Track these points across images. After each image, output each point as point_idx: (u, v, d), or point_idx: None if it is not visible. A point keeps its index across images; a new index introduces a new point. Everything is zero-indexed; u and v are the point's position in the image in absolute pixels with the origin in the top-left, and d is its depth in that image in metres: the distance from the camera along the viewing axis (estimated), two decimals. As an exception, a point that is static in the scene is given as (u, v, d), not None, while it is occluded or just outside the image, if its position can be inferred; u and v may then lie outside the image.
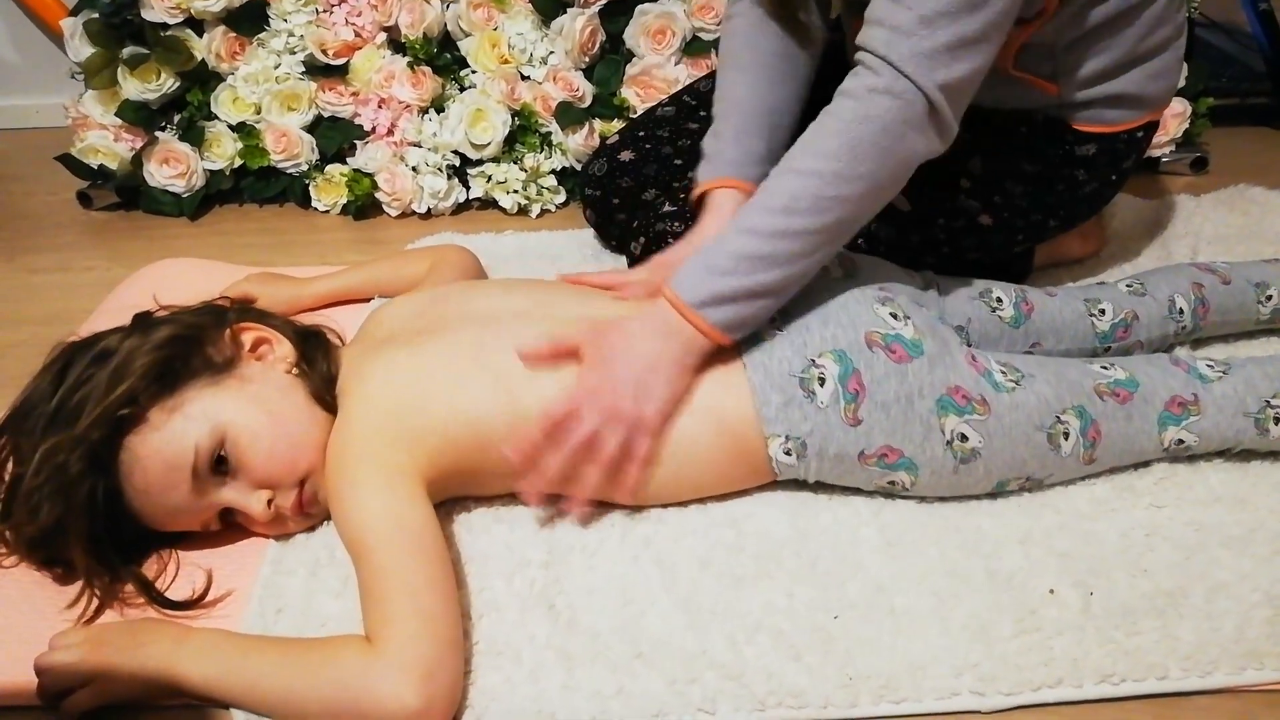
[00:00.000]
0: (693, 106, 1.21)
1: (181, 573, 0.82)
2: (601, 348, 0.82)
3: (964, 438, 0.82)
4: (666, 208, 1.05)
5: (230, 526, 0.84)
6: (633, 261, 1.06)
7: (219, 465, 0.79)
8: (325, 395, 0.85)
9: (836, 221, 0.80)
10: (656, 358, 0.81)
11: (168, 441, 0.77)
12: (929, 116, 0.78)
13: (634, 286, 0.93)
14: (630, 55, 1.47)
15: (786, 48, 0.98)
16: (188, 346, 0.82)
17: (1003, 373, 0.85)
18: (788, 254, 0.80)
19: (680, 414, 0.82)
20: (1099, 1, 0.89)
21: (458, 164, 1.49)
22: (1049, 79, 0.94)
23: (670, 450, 0.83)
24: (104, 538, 0.77)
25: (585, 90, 1.46)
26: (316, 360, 0.88)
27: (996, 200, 1.02)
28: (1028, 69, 0.93)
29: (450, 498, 0.86)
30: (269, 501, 0.81)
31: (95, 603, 0.78)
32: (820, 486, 0.88)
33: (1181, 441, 0.87)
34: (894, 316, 0.85)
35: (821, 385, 0.81)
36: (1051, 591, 0.77)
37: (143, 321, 0.85)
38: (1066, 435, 0.84)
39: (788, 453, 0.83)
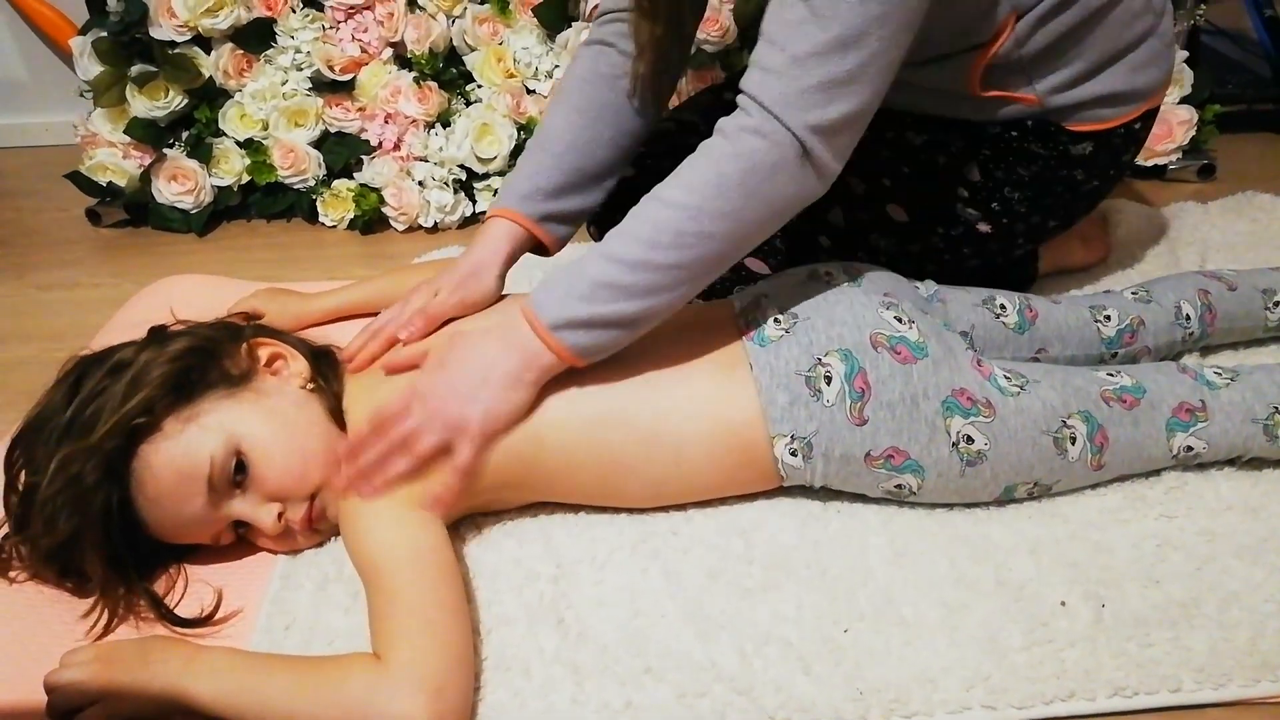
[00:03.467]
0: (693, 123, 1.21)
1: (190, 589, 0.82)
2: (444, 353, 0.82)
3: (970, 439, 0.82)
4: None
5: (239, 542, 0.84)
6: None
7: (237, 475, 0.79)
8: (337, 412, 0.86)
9: (699, 258, 0.78)
10: (493, 368, 0.80)
11: (183, 451, 0.78)
12: (800, 159, 0.76)
13: (435, 319, 0.90)
14: (635, 68, 1.47)
15: (616, 112, 0.97)
16: (204, 359, 0.82)
17: (1007, 378, 0.85)
18: (647, 286, 0.78)
19: (685, 415, 0.82)
20: (1058, 12, 0.88)
21: (464, 178, 1.50)
22: (1025, 92, 0.93)
23: (676, 451, 0.83)
24: (120, 548, 0.77)
25: (590, 103, 1.46)
26: (329, 378, 0.88)
27: (995, 207, 1.01)
28: (1000, 87, 0.92)
29: (467, 514, 0.86)
30: (279, 515, 0.81)
31: (106, 618, 0.78)
32: (829, 495, 0.88)
33: (1190, 448, 0.87)
34: (898, 320, 0.85)
35: (828, 384, 0.81)
36: (1063, 603, 0.77)
37: (158, 335, 0.86)
38: (1073, 440, 0.84)
39: (793, 453, 0.82)
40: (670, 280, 0.78)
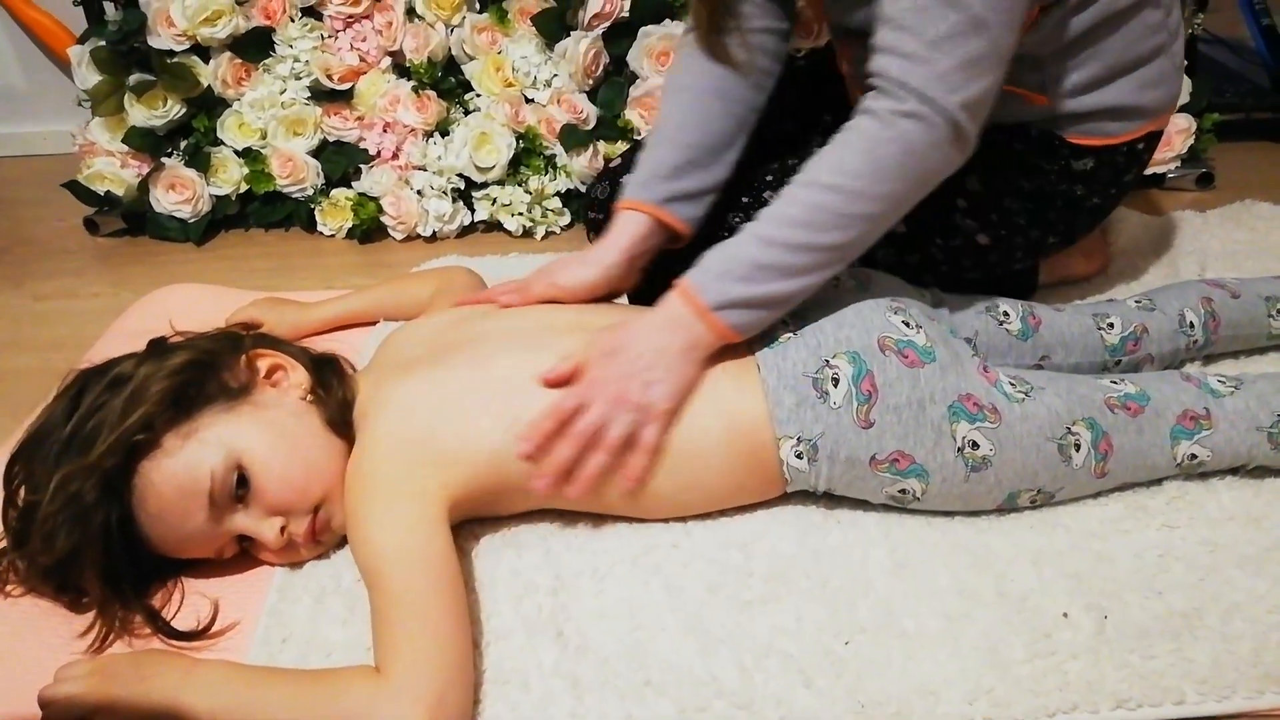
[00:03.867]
0: None
1: (187, 601, 0.81)
2: (605, 345, 0.83)
3: (975, 445, 0.82)
4: None
5: (239, 555, 0.84)
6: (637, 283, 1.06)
7: (238, 490, 0.79)
8: (340, 422, 0.85)
9: (856, 238, 0.82)
10: (663, 349, 0.82)
11: (183, 468, 0.77)
12: (952, 137, 0.80)
13: (529, 294, 0.95)
14: (634, 77, 1.47)
15: (720, 82, 0.98)
16: (203, 372, 0.82)
17: (1012, 384, 0.85)
18: (805, 266, 0.82)
19: (692, 417, 0.83)
20: (1079, 10, 0.89)
21: (462, 187, 1.49)
22: (1037, 90, 0.94)
23: (681, 454, 0.83)
24: (119, 566, 0.77)
25: (589, 112, 1.47)
26: (332, 387, 0.88)
27: (994, 219, 1.01)
28: (1014, 81, 0.93)
29: (471, 518, 0.86)
30: (282, 528, 0.81)
31: (103, 632, 0.77)
32: (829, 505, 0.87)
33: (1194, 456, 0.87)
34: (906, 325, 0.85)
35: (835, 385, 0.82)
36: (1065, 614, 0.76)
37: (158, 347, 0.85)
38: (1078, 447, 0.84)
39: (799, 455, 0.82)
40: (827, 260, 0.82)
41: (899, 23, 0.78)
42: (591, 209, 1.25)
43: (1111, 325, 0.99)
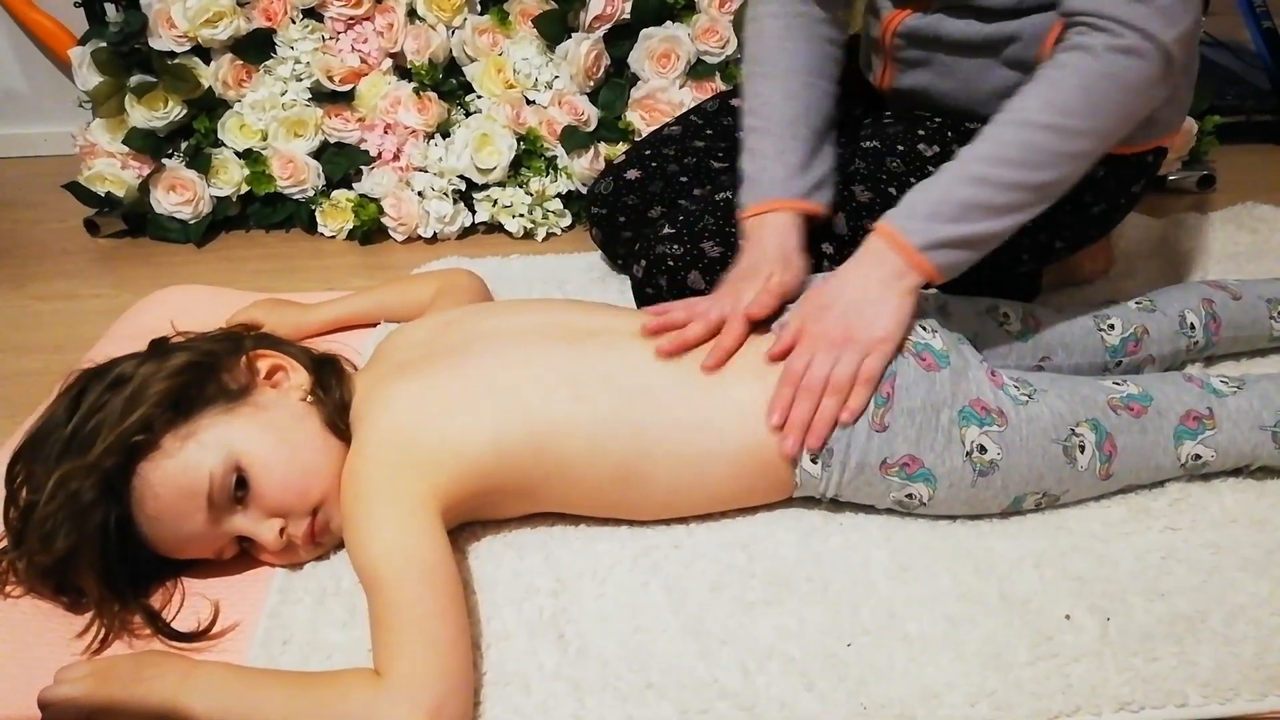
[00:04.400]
0: (699, 125, 1.21)
1: (187, 603, 0.81)
2: (816, 302, 0.85)
3: (983, 449, 0.82)
4: (665, 230, 1.05)
5: (242, 555, 0.84)
6: (636, 284, 1.06)
7: (238, 491, 0.79)
8: (339, 423, 0.85)
9: (1066, 174, 0.83)
10: (872, 287, 0.84)
11: (181, 469, 0.77)
12: (1166, 71, 0.81)
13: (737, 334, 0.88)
14: (635, 79, 1.47)
15: (821, 47, 0.99)
16: (203, 373, 0.82)
17: (1016, 387, 0.85)
18: (1017, 204, 0.83)
19: (707, 415, 0.82)
20: None
21: (463, 188, 1.49)
22: None
23: (702, 459, 0.82)
24: (117, 566, 0.76)
25: (590, 114, 1.46)
26: (331, 387, 0.87)
27: None
28: None
29: (466, 522, 0.85)
30: (281, 530, 0.80)
31: (102, 633, 0.77)
32: (832, 508, 0.87)
33: (1199, 457, 0.87)
34: (923, 328, 0.85)
35: None
36: (1068, 617, 0.76)
37: (159, 348, 0.85)
38: (1083, 448, 0.84)
39: (814, 460, 0.82)
40: (1037, 197, 0.84)
41: None
42: (594, 205, 1.25)
43: (1112, 326, 0.99)
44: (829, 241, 1.04)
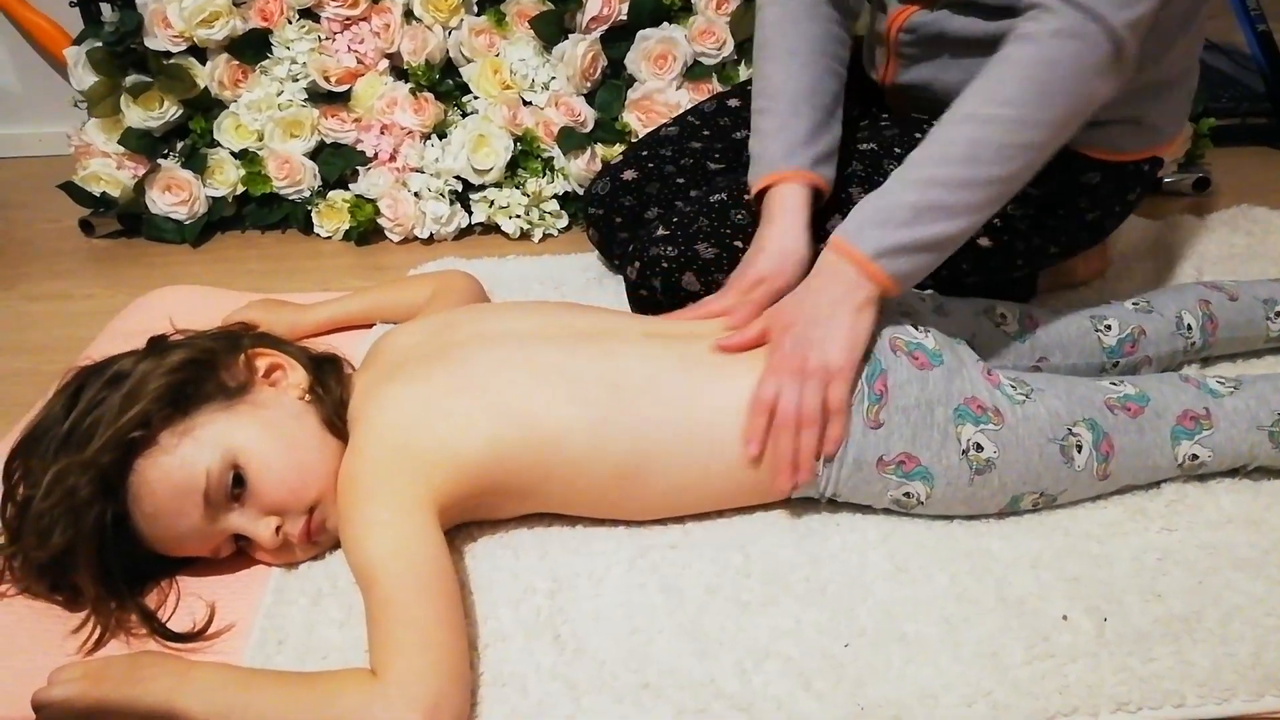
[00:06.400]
0: (696, 127, 1.21)
1: (182, 603, 0.81)
2: (781, 320, 0.84)
3: (979, 447, 0.82)
4: (660, 232, 1.05)
5: (238, 554, 0.83)
6: (630, 285, 1.06)
7: (235, 489, 0.79)
8: (337, 422, 0.85)
9: (1020, 169, 0.81)
10: (822, 308, 0.82)
11: (178, 465, 0.77)
12: (1114, 56, 0.78)
13: (739, 310, 0.90)
14: (632, 80, 1.47)
15: (824, 27, 0.99)
16: (201, 370, 0.82)
17: (1013, 386, 0.85)
18: (972, 203, 0.81)
19: (707, 418, 0.82)
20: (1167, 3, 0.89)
21: (460, 189, 1.49)
22: None
23: (705, 457, 0.82)
24: (113, 563, 0.76)
25: (587, 115, 1.46)
26: (330, 387, 0.87)
27: (996, 223, 1.01)
28: None
29: (464, 523, 0.85)
30: (277, 528, 0.80)
31: (97, 633, 0.77)
32: (829, 509, 0.87)
33: (1196, 457, 0.87)
34: (915, 327, 0.86)
35: None
36: (1065, 618, 0.76)
37: (157, 345, 0.85)
38: (1079, 448, 0.84)
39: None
40: (992, 195, 0.81)
41: None
42: (591, 206, 1.25)
43: (1109, 327, 0.99)
44: (823, 243, 1.04)
